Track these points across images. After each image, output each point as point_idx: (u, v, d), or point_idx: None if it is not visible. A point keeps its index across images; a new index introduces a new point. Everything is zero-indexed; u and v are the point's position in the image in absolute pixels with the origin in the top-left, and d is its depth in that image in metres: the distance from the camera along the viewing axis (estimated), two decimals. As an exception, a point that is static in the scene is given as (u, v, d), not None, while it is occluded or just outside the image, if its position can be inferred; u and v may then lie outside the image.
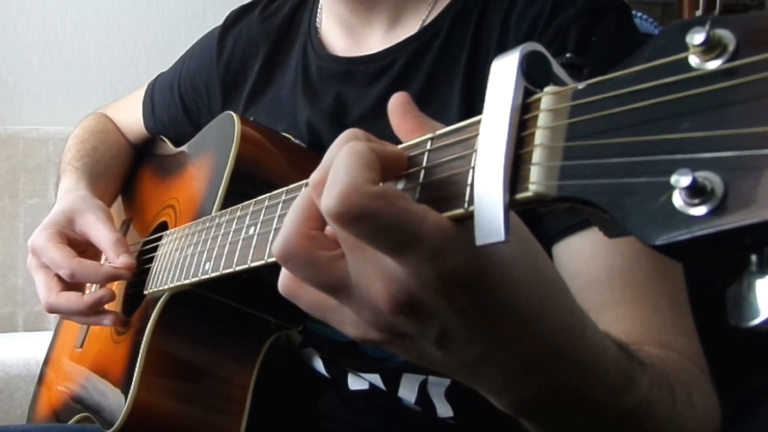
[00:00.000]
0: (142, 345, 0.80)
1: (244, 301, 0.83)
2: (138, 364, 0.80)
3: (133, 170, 1.19)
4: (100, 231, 0.91)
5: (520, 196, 0.35)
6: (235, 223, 0.67)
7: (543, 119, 0.35)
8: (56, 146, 1.96)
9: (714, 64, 0.29)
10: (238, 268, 0.63)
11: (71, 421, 0.99)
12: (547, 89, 0.36)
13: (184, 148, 1.04)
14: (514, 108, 0.36)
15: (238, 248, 0.63)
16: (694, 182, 0.28)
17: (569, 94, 0.34)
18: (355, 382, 0.85)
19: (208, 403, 0.84)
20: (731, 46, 0.28)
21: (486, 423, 0.49)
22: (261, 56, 0.98)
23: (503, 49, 0.76)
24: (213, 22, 1.11)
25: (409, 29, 0.85)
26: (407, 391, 0.81)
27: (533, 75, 0.36)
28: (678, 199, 0.28)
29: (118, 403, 0.82)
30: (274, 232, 0.56)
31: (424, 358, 0.44)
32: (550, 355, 0.44)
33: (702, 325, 0.68)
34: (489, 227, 0.35)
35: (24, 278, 1.94)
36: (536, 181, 0.34)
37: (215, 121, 0.94)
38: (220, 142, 0.88)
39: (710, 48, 0.29)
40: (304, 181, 0.54)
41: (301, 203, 0.42)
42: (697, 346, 0.65)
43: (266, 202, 0.61)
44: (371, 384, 0.83)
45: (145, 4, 2.28)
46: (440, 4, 0.84)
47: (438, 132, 0.41)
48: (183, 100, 1.09)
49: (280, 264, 0.42)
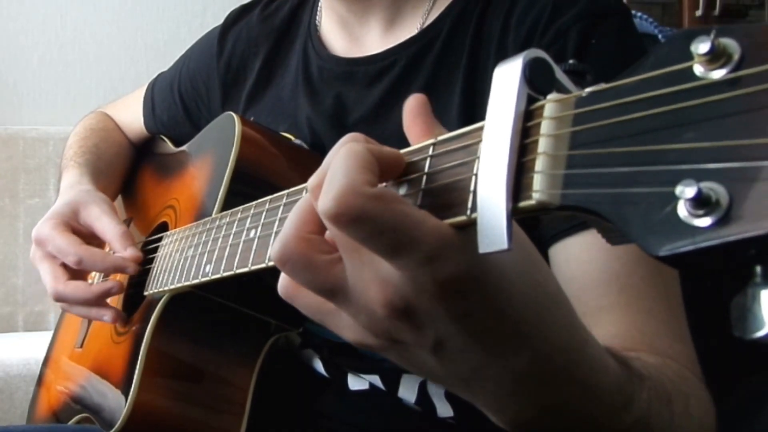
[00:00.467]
0: (143, 346, 0.80)
1: (245, 302, 0.82)
2: (138, 365, 0.80)
3: (133, 170, 1.18)
4: (106, 223, 0.91)
5: (523, 204, 0.34)
6: (235, 225, 0.66)
7: (546, 127, 0.35)
8: (56, 146, 1.95)
9: (719, 74, 0.29)
10: (238, 271, 0.62)
11: (71, 422, 0.99)
12: (550, 96, 0.35)
13: (184, 148, 1.04)
14: (517, 115, 0.35)
15: (239, 251, 0.63)
16: (699, 193, 0.27)
17: (572, 102, 0.34)
18: (355, 383, 0.85)
19: (209, 404, 0.83)
20: (736, 56, 0.28)
21: (486, 423, 0.49)
22: (261, 56, 0.98)
23: (503, 51, 0.77)
24: (213, 22, 1.10)
25: (408, 30, 0.84)
26: (407, 391, 0.81)
27: (536, 82, 0.36)
28: (682, 210, 0.28)
29: (118, 404, 0.82)
30: (275, 235, 0.56)
31: (420, 367, 0.43)
32: (548, 372, 0.43)
33: (704, 325, 0.68)
34: (492, 235, 0.35)
35: (24, 278, 1.94)
36: (539, 189, 0.34)
37: (216, 122, 0.94)
38: (220, 142, 0.87)
39: (715, 57, 0.29)
40: (306, 184, 0.54)
41: (301, 207, 0.42)
42: (692, 351, 0.65)
43: (267, 204, 0.60)
44: (371, 384, 0.83)
45: (145, 4, 2.28)
46: (439, 5, 0.83)
47: (440, 138, 0.41)
48: (183, 100, 1.09)
49: (278, 267, 0.42)
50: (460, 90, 0.77)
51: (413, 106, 0.42)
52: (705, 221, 0.28)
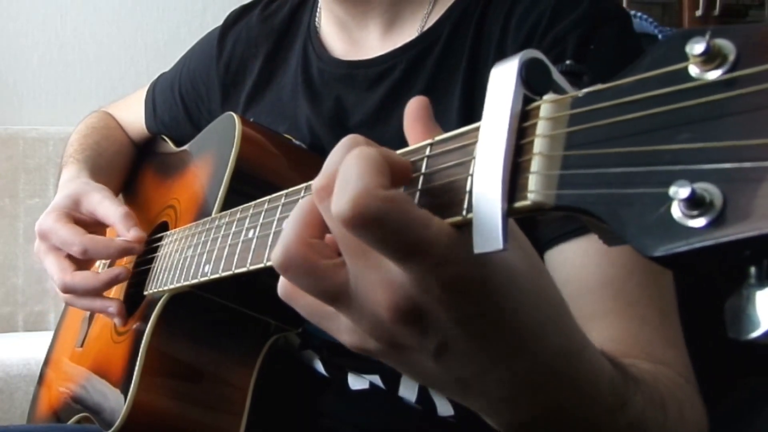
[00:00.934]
0: (142, 345, 0.80)
1: (244, 302, 0.83)
2: (138, 365, 0.80)
3: (134, 169, 1.19)
4: (108, 207, 0.91)
5: (519, 204, 0.34)
6: (234, 225, 0.67)
7: (542, 127, 0.35)
8: (56, 146, 1.95)
9: (714, 75, 0.29)
10: (237, 271, 0.62)
11: (71, 421, 0.99)
12: (546, 97, 0.35)
13: (185, 148, 1.04)
14: (513, 115, 0.35)
15: (237, 251, 0.63)
16: (693, 194, 0.27)
17: (569, 103, 0.34)
18: (356, 382, 0.85)
19: (208, 404, 0.84)
20: (731, 57, 0.28)
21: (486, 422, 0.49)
22: (261, 57, 0.98)
23: (502, 54, 0.77)
24: (213, 22, 1.11)
25: (407, 33, 0.84)
26: (407, 390, 0.81)
27: (533, 82, 0.36)
28: (677, 211, 0.28)
29: (117, 404, 0.82)
30: (273, 235, 0.56)
31: (419, 372, 0.43)
32: (547, 376, 0.43)
33: (700, 328, 0.68)
34: (487, 235, 0.35)
35: (24, 278, 1.94)
36: (535, 189, 0.34)
37: (216, 122, 0.94)
38: (220, 142, 0.87)
39: (710, 58, 0.29)
40: (304, 185, 0.53)
41: (302, 210, 0.41)
42: (686, 357, 0.65)
43: (265, 205, 0.60)
44: (371, 383, 0.84)
45: (145, 4, 2.28)
46: (439, 9, 0.83)
47: (437, 138, 0.41)
48: (184, 101, 1.09)
49: (279, 273, 0.42)
50: (459, 93, 0.77)
51: (414, 109, 0.42)
52: (699, 222, 0.28)
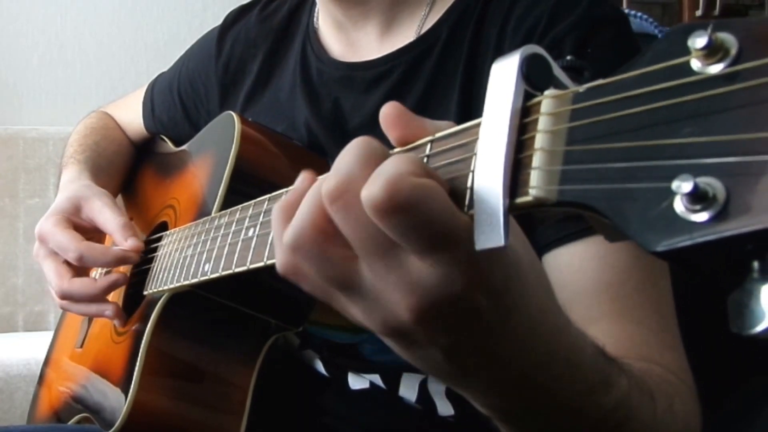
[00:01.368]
0: (142, 345, 0.80)
1: (245, 302, 0.82)
2: (138, 365, 0.80)
3: (133, 169, 1.19)
4: (107, 215, 0.91)
5: (520, 200, 0.34)
6: (234, 224, 0.66)
7: (543, 123, 0.34)
8: (56, 146, 1.96)
9: (716, 68, 0.29)
10: (237, 270, 0.62)
11: (71, 422, 0.99)
12: (547, 92, 0.35)
13: (184, 148, 1.04)
14: (514, 111, 0.35)
15: (237, 250, 0.63)
16: (696, 188, 0.27)
17: (570, 98, 0.34)
18: (356, 382, 0.85)
19: (208, 404, 0.83)
20: (733, 50, 0.28)
21: (486, 421, 0.49)
22: (260, 57, 0.98)
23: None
24: (213, 21, 1.10)
25: (405, 35, 0.84)
26: (408, 389, 0.81)
27: (533, 78, 0.36)
28: (679, 205, 0.28)
29: (118, 403, 0.82)
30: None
31: (423, 361, 0.43)
32: (539, 356, 0.44)
33: (703, 326, 0.68)
34: (489, 231, 0.35)
35: (24, 278, 1.94)
36: (536, 185, 0.34)
37: (215, 121, 0.93)
38: (220, 142, 0.87)
39: (712, 52, 0.28)
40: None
41: (315, 195, 0.40)
42: (683, 360, 0.65)
43: (266, 204, 0.60)
44: (372, 383, 0.83)
45: (145, 4, 2.28)
46: (437, 11, 0.83)
47: (438, 135, 0.40)
48: (182, 101, 1.09)
49: (288, 252, 0.41)
50: (457, 96, 0.77)
51: (393, 116, 0.41)
52: (702, 216, 0.27)
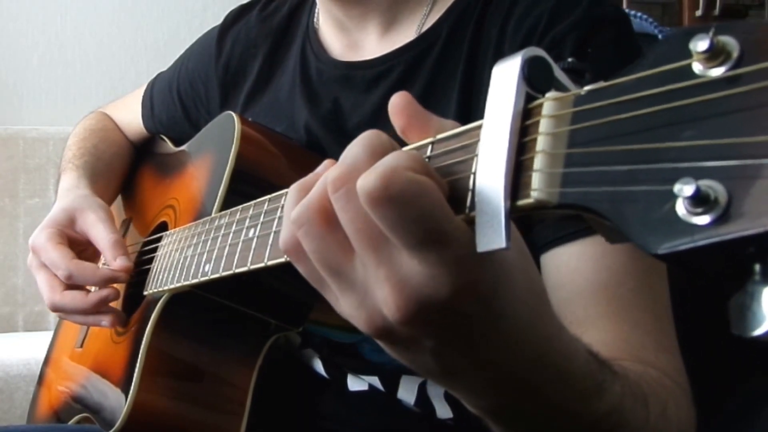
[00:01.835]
0: (142, 345, 0.80)
1: (245, 302, 0.82)
2: (138, 365, 0.80)
3: (133, 169, 1.18)
4: (100, 231, 0.91)
5: (522, 202, 0.34)
6: (234, 224, 0.66)
7: (544, 125, 0.34)
8: (56, 146, 1.96)
9: (718, 72, 0.29)
10: (237, 271, 0.62)
11: (71, 422, 0.99)
12: (548, 95, 0.35)
13: (184, 148, 1.04)
14: (516, 114, 0.35)
15: (238, 250, 0.63)
16: (698, 191, 0.27)
17: (571, 100, 0.34)
18: (355, 384, 0.85)
19: (209, 404, 0.83)
20: (735, 53, 0.28)
21: (485, 425, 0.49)
22: (260, 57, 0.98)
23: (500, 57, 0.76)
24: (213, 21, 1.10)
25: (405, 34, 0.84)
26: (406, 392, 0.81)
27: (535, 80, 0.36)
28: (681, 208, 0.28)
29: (118, 404, 0.82)
30: (274, 234, 0.56)
31: (411, 361, 0.43)
32: (529, 361, 0.44)
33: (703, 327, 0.68)
34: (490, 233, 0.35)
35: (24, 278, 1.94)
36: (538, 188, 0.34)
37: (215, 121, 0.93)
38: (220, 142, 0.87)
39: (714, 55, 0.29)
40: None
41: (323, 184, 0.40)
42: (679, 362, 0.65)
43: (266, 204, 0.60)
44: (370, 385, 0.83)
45: (145, 4, 2.28)
46: (437, 10, 0.83)
47: (439, 136, 0.41)
48: (182, 101, 1.09)
49: (292, 228, 0.41)
50: (457, 95, 0.77)
51: (401, 105, 0.42)
52: (704, 219, 0.28)
